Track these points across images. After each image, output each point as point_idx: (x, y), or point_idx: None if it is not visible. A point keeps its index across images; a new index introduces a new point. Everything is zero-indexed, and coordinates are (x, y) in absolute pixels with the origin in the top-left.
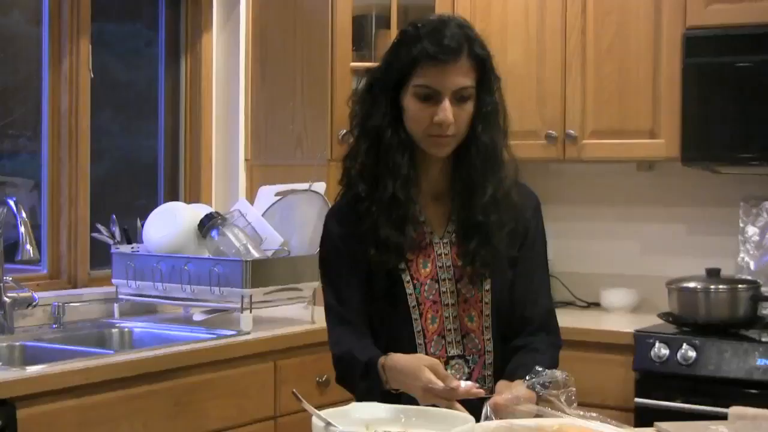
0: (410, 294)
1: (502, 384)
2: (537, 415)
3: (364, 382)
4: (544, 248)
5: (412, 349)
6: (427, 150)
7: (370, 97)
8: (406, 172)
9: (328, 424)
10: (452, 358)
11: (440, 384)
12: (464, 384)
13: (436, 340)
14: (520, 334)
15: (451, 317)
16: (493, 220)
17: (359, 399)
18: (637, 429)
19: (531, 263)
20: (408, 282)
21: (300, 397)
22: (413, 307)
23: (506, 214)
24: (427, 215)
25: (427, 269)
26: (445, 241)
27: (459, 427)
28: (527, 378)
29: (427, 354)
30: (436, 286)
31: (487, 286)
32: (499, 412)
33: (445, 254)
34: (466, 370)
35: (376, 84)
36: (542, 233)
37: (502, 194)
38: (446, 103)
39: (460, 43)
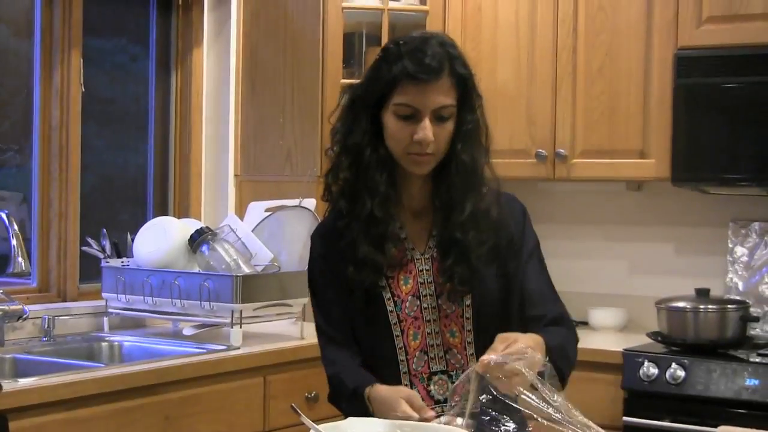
0: (391, 311)
1: (498, 337)
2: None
3: (351, 409)
4: (537, 250)
5: (394, 365)
6: (407, 168)
7: (352, 113)
8: (384, 189)
9: None
10: (435, 374)
11: (415, 416)
12: (443, 419)
13: (418, 356)
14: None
15: (433, 333)
16: (471, 237)
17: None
18: None
19: (524, 268)
20: (389, 299)
21: (299, 411)
22: (394, 324)
23: (486, 231)
24: (408, 232)
25: (408, 285)
26: (426, 257)
27: None
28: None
29: (409, 370)
30: (417, 302)
31: (468, 302)
32: (490, 372)
33: (426, 270)
34: (450, 385)
35: (357, 101)
36: (532, 237)
37: (482, 211)
38: (426, 122)
39: (441, 62)
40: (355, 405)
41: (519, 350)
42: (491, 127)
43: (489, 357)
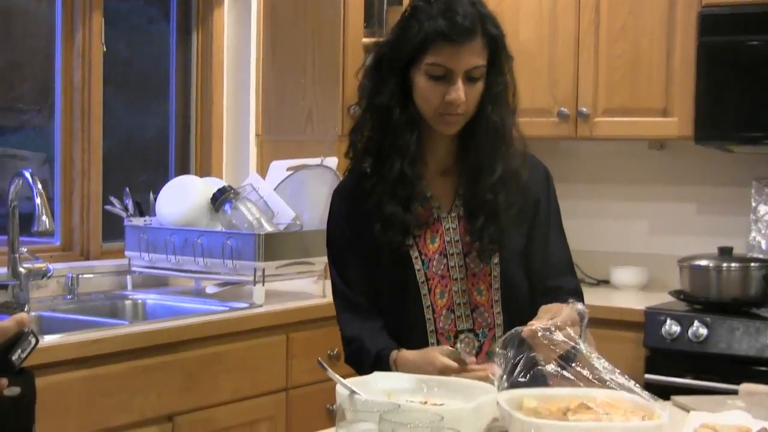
0: (418, 270)
1: (542, 309)
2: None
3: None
4: (558, 218)
5: (421, 324)
6: (436, 128)
7: (378, 72)
8: (414, 149)
9: (353, 392)
10: (462, 332)
11: (454, 364)
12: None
13: (445, 314)
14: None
15: (460, 291)
16: (501, 199)
17: None
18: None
19: (547, 235)
20: (416, 258)
21: (326, 366)
22: (422, 282)
23: (514, 193)
24: (433, 191)
25: (435, 244)
26: (453, 215)
27: (481, 398)
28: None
29: (436, 329)
30: (444, 260)
31: (496, 260)
32: (533, 340)
33: (453, 229)
34: (476, 343)
35: (384, 59)
36: (555, 203)
37: (511, 173)
38: (459, 83)
39: (473, 22)
40: (377, 369)
41: (564, 322)
42: (517, 87)
43: (536, 325)
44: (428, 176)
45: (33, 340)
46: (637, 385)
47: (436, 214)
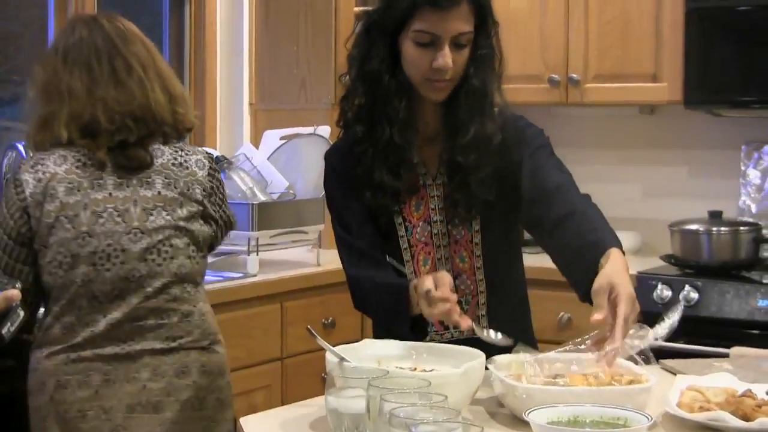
0: (402, 236)
1: (601, 299)
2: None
3: (390, 305)
4: (552, 154)
5: None
6: (425, 95)
7: (368, 40)
8: (404, 116)
9: (342, 359)
10: None
11: (436, 292)
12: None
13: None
14: (553, 207)
15: (443, 258)
16: (471, 160)
17: (380, 325)
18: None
19: (539, 162)
20: (400, 224)
21: (315, 333)
22: (405, 249)
23: (487, 156)
24: (421, 157)
25: (420, 211)
26: (438, 182)
27: (468, 363)
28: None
29: None
30: (428, 228)
31: (477, 227)
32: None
33: (438, 196)
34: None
35: (373, 27)
36: (548, 146)
37: (486, 136)
38: (446, 49)
39: None
40: (397, 302)
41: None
42: (504, 51)
43: (612, 353)
44: (417, 143)
45: (21, 313)
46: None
47: (423, 181)
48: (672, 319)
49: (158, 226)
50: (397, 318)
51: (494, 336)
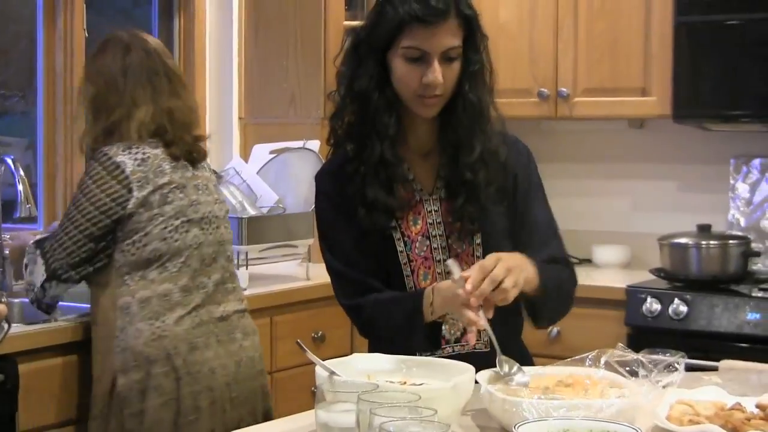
0: (401, 251)
1: (479, 265)
2: None
3: (401, 317)
4: (540, 190)
5: None
6: (416, 111)
7: (356, 57)
8: (393, 132)
9: (332, 373)
10: (445, 314)
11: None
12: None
13: None
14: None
15: (443, 273)
16: (480, 177)
17: (392, 343)
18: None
19: (528, 207)
20: (398, 239)
21: (305, 347)
22: (404, 263)
23: (494, 171)
24: (415, 173)
25: (418, 226)
26: (434, 197)
27: (458, 377)
28: None
29: None
30: (427, 242)
31: (478, 240)
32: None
33: (435, 210)
34: (461, 325)
35: (362, 44)
36: (536, 176)
37: (490, 152)
38: (435, 65)
39: (447, 3)
40: (412, 310)
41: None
42: (493, 65)
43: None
44: (410, 158)
45: (5, 326)
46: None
47: (419, 196)
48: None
49: (223, 198)
50: (412, 328)
51: (508, 369)
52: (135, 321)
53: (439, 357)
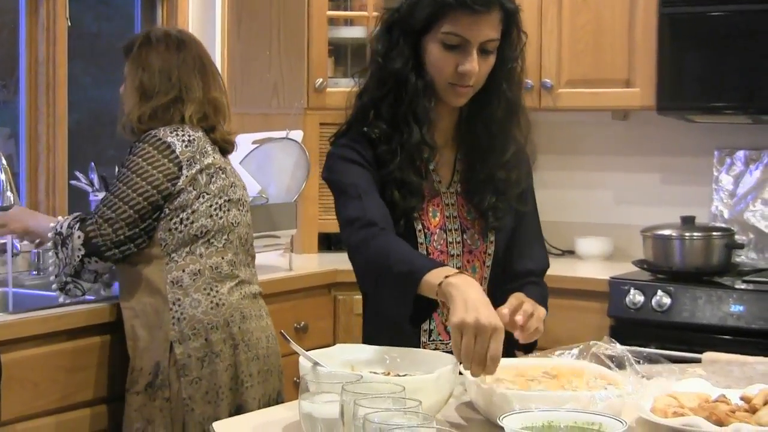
0: (421, 243)
1: (513, 296)
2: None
3: (414, 263)
4: (534, 199)
5: None
6: (445, 98)
7: (389, 38)
8: (433, 117)
9: (315, 364)
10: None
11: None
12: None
13: None
14: (515, 283)
15: (455, 267)
16: (513, 177)
17: (384, 304)
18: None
19: (526, 218)
20: (420, 231)
21: (288, 337)
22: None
23: (522, 173)
24: (435, 164)
25: (437, 219)
26: (451, 191)
27: (442, 368)
28: None
29: None
30: (444, 236)
31: (492, 238)
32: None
33: (452, 204)
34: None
35: (396, 25)
36: (532, 184)
37: (524, 152)
38: (474, 54)
39: None
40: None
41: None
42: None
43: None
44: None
45: None
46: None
47: (438, 188)
48: None
49: (242, 184)
50: (409, 281)
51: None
52: (190, 292)
53: (436, 350)
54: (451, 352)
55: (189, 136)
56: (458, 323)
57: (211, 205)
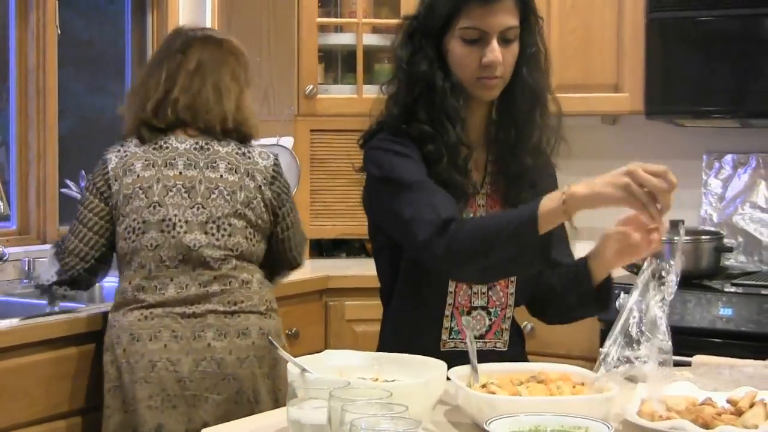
0: None
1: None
2: None
3: (517, 218)
4: None
5: (440, 293)
6: (475, 94)
7: (412, 44)
8: (464, 115)
9: (304, 370)
10: (475, 308)
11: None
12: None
13: (464, 289)
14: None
15: None
16: (539, 163)
17: (504, 261)
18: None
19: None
20: None
21: (276, 344)
22: None
23: (547, 160)
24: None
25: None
26: (482, 192)
27: (430, 373)
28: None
29: (454, 302)
30: None
31: None
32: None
33: (483, 206)
34: (487, 321)
35: (416, 33)
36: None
37: (546, 139)
38: (494, 44)
39: None
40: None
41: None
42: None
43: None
44: None
45: None
46: None
47: (472, 189)
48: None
49: (218, 204)
50: (525, 236)
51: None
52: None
53: (455, 348)
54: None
55: (124, 153)
56: (623, 173)
57: (125, 228)
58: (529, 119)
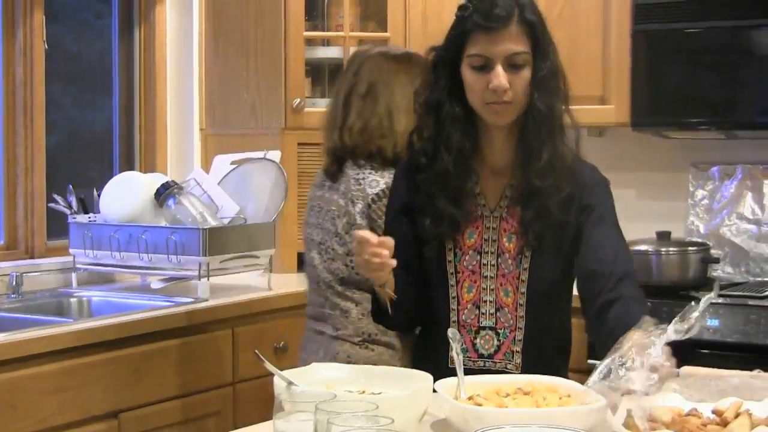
0: (449, 261)
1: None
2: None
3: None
4: (615, 221)
5: (445, 313)
6: (487, 119)
7: (433, 74)
8: (459, 145)
9: (290, 383)
10: (483, 328)
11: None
12: None
13: (469, 308)
14: (604, 290)
15: (488, 289)
16: (548, 184)
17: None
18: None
19: (602, 235)
20: (450, 249)
21: (262, 358)
22: (450, 273)
23: (562, 178)
24: (482, 187)
25: (472, 240)
26: (495, 215)
27: (416, 385)
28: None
29: (459, 320)
30: (477, 257)
31: (526, 265)
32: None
33: (493, 228)
34: (496, 342)
35: (438, 62)
36: (612, 208)
37: (559, 159)
38: (498, 69)
39: (509, 10)
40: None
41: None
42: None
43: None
44: (481, 172)
45: None
46: None
47: (480, 211)
48: (693, 316)
49: (327, 228)
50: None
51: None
52: None
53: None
54: (480, 371)
55: None
56: None
57: None
58: (539, 141)
